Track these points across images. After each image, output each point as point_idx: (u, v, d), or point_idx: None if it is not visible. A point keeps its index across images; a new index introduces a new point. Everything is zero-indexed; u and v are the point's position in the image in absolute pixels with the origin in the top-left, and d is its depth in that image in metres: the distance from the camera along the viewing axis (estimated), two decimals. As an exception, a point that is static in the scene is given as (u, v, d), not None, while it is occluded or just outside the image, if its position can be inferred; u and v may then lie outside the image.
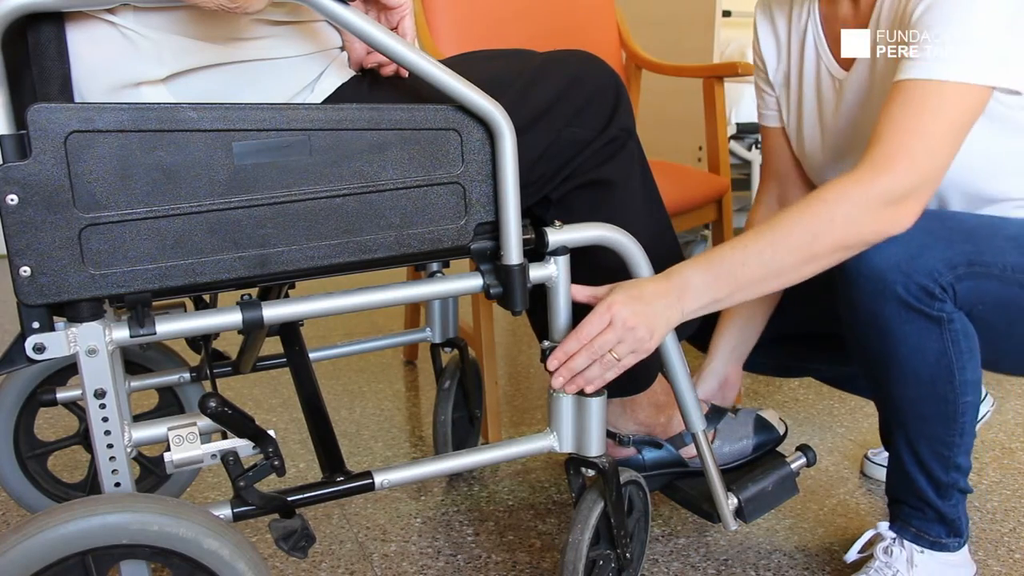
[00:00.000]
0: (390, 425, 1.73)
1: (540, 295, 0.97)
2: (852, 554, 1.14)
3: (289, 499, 0.89)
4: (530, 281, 0.92)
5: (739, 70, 1.85)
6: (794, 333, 1.32)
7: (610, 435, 1.18)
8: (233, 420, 0.85)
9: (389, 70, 0.94)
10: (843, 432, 1.66)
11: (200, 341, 1.26)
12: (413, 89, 0.92)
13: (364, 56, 0.94)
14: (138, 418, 1.13)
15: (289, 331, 1.17)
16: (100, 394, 0.79)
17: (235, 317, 0.84)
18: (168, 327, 0.81)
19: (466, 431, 1.53)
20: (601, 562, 1.02)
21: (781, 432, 1.25)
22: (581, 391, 0.95)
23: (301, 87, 0.89)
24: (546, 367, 0.94)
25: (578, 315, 0.94)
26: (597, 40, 2.01)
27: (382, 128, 0.85)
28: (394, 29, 0.92)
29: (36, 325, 0.77)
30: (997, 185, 1.05)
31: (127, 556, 0.78)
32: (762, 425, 1.23)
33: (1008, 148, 1.03)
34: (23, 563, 0.73)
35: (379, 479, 0.92)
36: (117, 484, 0.82)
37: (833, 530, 1.32)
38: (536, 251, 0.94)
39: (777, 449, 1.24)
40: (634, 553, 1.09)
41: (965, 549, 1.11)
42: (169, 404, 1.33)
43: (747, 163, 2.82)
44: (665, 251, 1.07)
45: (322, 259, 0.85)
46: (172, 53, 0.81)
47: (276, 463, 0.87)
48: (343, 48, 0.94)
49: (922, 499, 1.07)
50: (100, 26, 0.79)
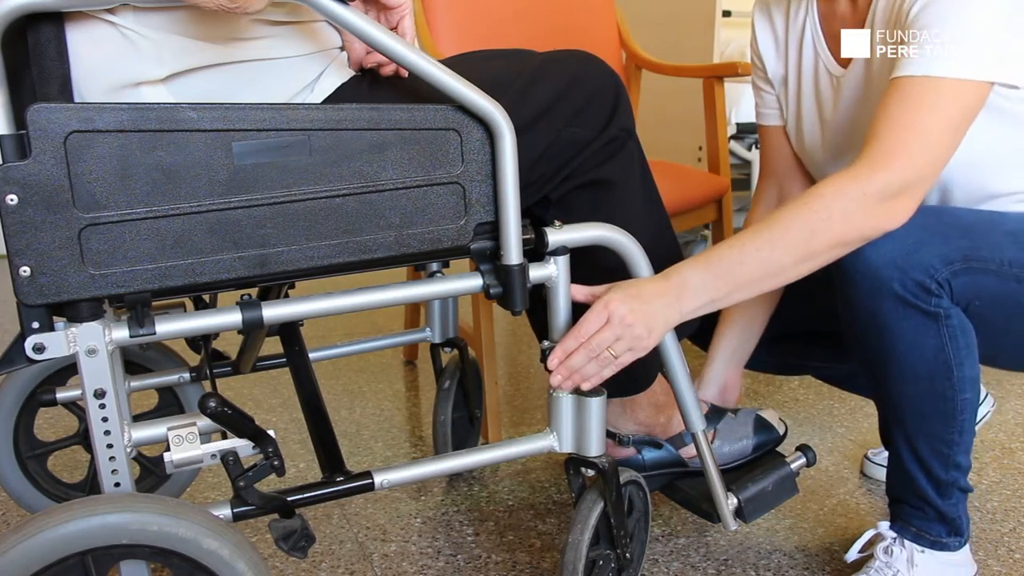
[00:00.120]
0: (390, 425, 1.73)
1: (540, 295, 0.97)
2: (852, 554, 1.14)
3: (289, 499, 0.89)
4: (530, 281, 0.92)
5: (739, 70, 1.85)
6: (794, 331, 1.32)
7: (610, 435, 1.18)
8: (233, 420, 0.85)
9: (389, 70, 0.94)
10: (843, 432, 1.66)
11: (200, 341, 1.26)
12: (413, 89, 0.92)
13: (364, 56, 0.94)
14: (138, 418, 1.13)
15: (289, 331, 1.17)
16: (100, 394, 0.79)
17: (235, 317, 0.84)
18: (168, 327, 0.81)
19: (466, 431, 1.53)
20: (601, 562, 1.02)
21: (781, 432, 1.25)
22: (579, 389, 0.95)
23: (301, 87, 0.89)
24: (546, 367, 0.94)
25: (578, 315, 0.94)
26: (597, 40, 2.01)
27: (382, 128, 0.85)
28: (394, 29, 0.92)
29: (36, 325, 0.77)
30: (1002, 181, 1.05)
31: (127, 556, 0.78)
32: (762, 425, 1.23)
33: (1012, 144, 1.03)
34: (23, 563, 0.73)
35: (379, 479, 0.92)
36: (117, 484, 0.82)
37: (833, 530, 1.32)
38: (536, 251, 0.94)
39: (777, 449, 1.24)
40: (634, 553, 1.09)
41: (966, 548, 1.10)
42: (169, 404, 1.33)
43: (747, 163, 2.82)
44: (665, 251, 1.07)
45: (322, 259, 0.85)
46: (172, 53, 0.81)
47: (276, 463, 0.87)
48: (343, 48, 0.94)
49: (922, 498, 1.07)
50: (100, 26, 0.79)
